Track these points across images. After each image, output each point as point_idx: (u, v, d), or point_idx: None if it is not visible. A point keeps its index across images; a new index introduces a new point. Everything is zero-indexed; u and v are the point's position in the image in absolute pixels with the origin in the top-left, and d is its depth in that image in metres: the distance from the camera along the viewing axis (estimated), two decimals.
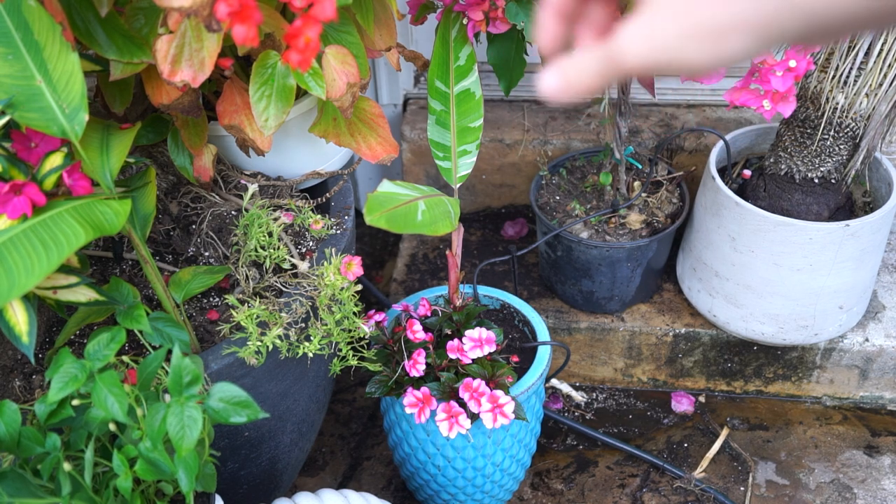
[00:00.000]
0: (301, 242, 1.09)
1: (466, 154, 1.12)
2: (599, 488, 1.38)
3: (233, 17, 0.61)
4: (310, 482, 1.41)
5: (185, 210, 1.11)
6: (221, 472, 1.03)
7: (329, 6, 0.64)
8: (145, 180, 0.91)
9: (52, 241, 0.71)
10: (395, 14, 1.04)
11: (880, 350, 1.41)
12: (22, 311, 0.74)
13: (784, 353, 1.45)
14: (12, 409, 0.75)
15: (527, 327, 1.26)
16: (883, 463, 1.40)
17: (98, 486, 0.78)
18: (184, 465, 0.73)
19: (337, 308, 1.00)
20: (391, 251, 1.85)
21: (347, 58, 0.91)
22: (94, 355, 0.76)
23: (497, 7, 1.05)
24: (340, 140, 1.03)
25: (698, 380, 1.52)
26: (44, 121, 0.75)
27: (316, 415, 1.19)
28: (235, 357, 0.94)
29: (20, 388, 0.98)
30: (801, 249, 1.25)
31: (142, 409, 0.76)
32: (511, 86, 1.20)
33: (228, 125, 0.97)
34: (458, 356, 1.09)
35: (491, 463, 1.17)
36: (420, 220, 0.95)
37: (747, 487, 1.37)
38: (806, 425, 1.47)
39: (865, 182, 1.36)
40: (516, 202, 1.72)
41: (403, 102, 1.76)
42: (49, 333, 1.06)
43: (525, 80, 1.18)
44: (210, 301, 1.07)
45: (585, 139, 1.61)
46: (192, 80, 0.81)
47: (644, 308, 1.49)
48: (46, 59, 0.75)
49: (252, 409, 0.74)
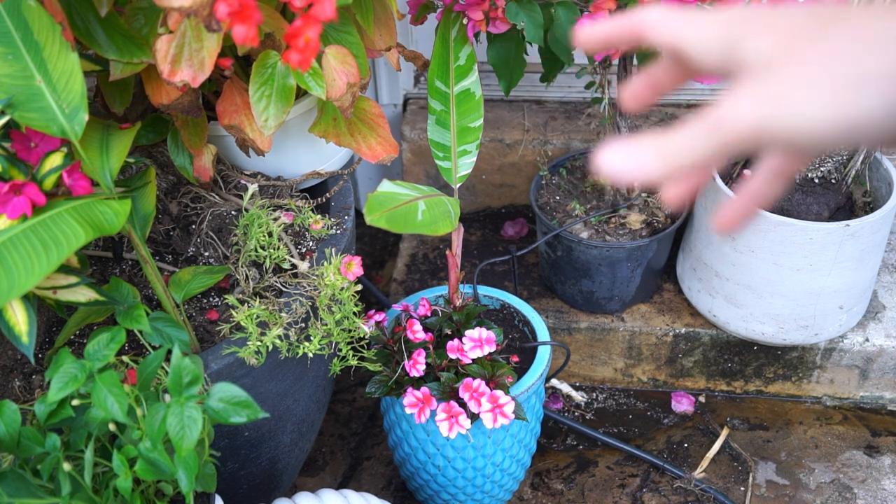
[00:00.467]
0: (301, 242, 1.09)
1: (466, 154, 1.12)
2: (599, 488, 1.38)
3: (233, 17, 0.61)
4: (310, 482, 1.41)
5: (185, 210, 1.11)
6: (221, 472, 1.03)
7: (329, 6, 0.64)
8: (145, 180, 0.91)
9: (51, 241, 0.70)
10: (395, 14, 1.04)
11: (880, 350, 1.41)
12: (22, 311, 0.74)
13: (784, 353, 1.45)
14: (12, 409, 0.75)
15: (527, 327, 1.26)
16: (883, 463, 1.40)
17: (98, 486, 0.78)
18: (184, 465, 0.73)
19: (337, 308, 1.00)
20: (391, 251, 1.85)
21: (347, 58, 0.91)
22: (94, 355, 0.76)
23: (497, 7, 1.05)
24: (340, 140, 1.03)
25: (698, 380, 1.52)
26: (44, 121, 0.75)
27: (316, 415, 1.19)
28: (235, 357, 0.94)
29: (20, 388, 0.98)
30: (802, 249, 1.25)
31: (142, 409, 0.76)
32: (511, 86, 1.20)
33: (228, 125, 0.97)
34: (458, 356, 1.09)
35: (491, 463, 1.17)
36: (420, 219, 0.95)
37: (747, 487, 1.37)
38: (806, 425, 1.47)
39: (866, 182, 1.36)
40: (516, 202, 1.72)
41: (403, 102, 1.76)
42: (49, 333, 1.06)
43: (525, 80, 1.18)
44: (210, 301, 1.07)
45: (585, 139, 1.61)
46: (192, 80, 0.81)
47: (644, 308, 1.49)
48: (46, 59, 0.75)
49: (252, 409, 0.74)
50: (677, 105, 1.68)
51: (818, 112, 0.33)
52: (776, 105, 0.34)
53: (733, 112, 0.35)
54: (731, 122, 0.35)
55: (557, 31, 1.08)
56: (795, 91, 0.34)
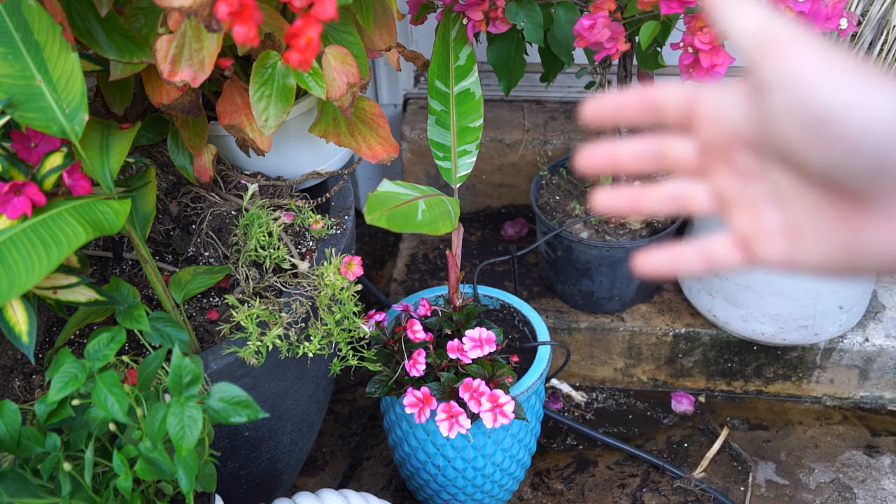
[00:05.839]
0: (301, 242, 1.09)
1: (466, 154, 1.12)
2: (599, 488, 1.38)
3: (233, 17, 0.61)
4: (310, 482, 1.41)
5: (185, 210, 1.11)
6: (221, 472, 1.03)
7: (329, 6, 0.64)
8: (145, 180, 0.91)
9: (52, 241, 0.71)
10: (395, 14, 1.04)
11: (880, 350, 1.41)
12: (22, 311, 0.74)
13: (784, 353, 1.45)
14: (12, 409, 0.75)
15: (527, 327, 1.26)
16: (883, 463, 1.40)
17: (98, 486, 0.78)
18: (184, 465, 0.73)
19: (337, 308, 1.00)
20: (391, 251, 1.85)
21: (347, 58, 0.91)
22: (94, 355, 0.76)
23: (497, 7, 1.05)
24: (340, 140, 1.03)
25: (698, 380, 1.52)
26: (44, 121, 0.75)
27: (316, 415, 1.19)
28: (235, 357, 0.94)
29: (20, 388, 0.98)
30: None
31: (142, 409, 0.76)
32: (511, 86, 1.20)
33: (228, 125, 0.97)
34: (458, 356, 1.09)
35: (491, 463, 1.17)
36: (420, 219, 0.95)
37: (747, 487, 1.37)
38: (806, 425, 1.47)
39: None
40: (516, 202, 1.72)
41: (403, 102, 1.76)
42: (49, 333, 1.06)
43: (525, 80, 1.18)
44: (210, 301, 1.07)
45: (585, 139, 1.61)
46: (192, 80, 0.81)
47: (644, 308, 1.49)
48: (46, 59, 0.75)
49: (252, 409, 0.74)
50: None
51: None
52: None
53: (768, 257, 0.35)
54: (764, 263, 0.36)
55: (557, 31, 1.08)
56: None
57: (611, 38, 0.98)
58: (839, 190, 0.32)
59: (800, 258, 0.35)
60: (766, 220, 0.36)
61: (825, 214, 0.33)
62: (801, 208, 0.34)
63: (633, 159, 0.39)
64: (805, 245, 0.35)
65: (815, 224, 0.34)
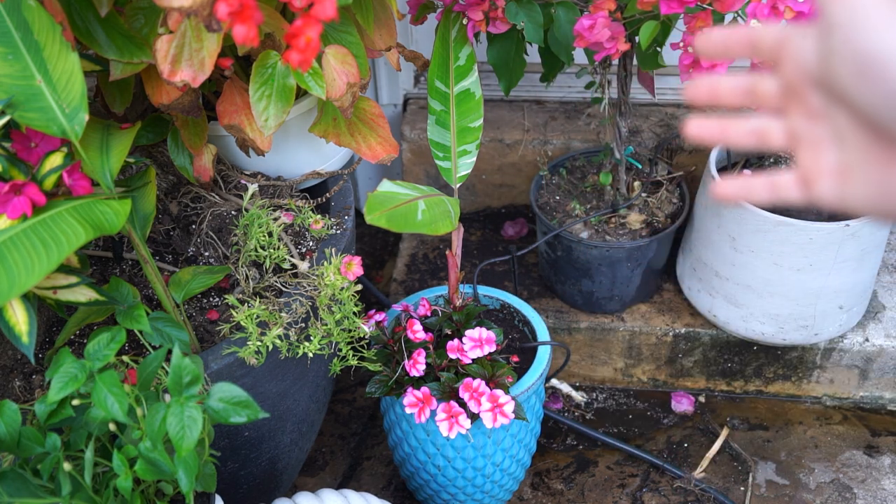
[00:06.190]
0: (301, 242, 1.09)
1: (466, 154, 1.12)
2: (599, 488, 1.38)
3: (233, 17, 0.61)
4: (310, 482, 1.41)
5: (185, 210, 1.11)
6: (221, 472, 1.03)
7: (329, 6, 0.64)
8: (145, 180, 0.91)
9: (52, 241, 0.71)
10: (395, 14, 1.04)
11: (880, 350, 1.41)
12: (22, 311, 0.74)
13: (784, 353, 1.45)
14: (12, 409, 0.75)
15: (527, 327, 1.26)
16: (883, 463, 1.40)
17: (98, 486, 0.78)
18: (184, 465, 0.73)
19: (337, 308, 1.00)
20: (391, 251, 1.85)
21: (347, 58, 0.91)
22: (94, 355, 0.76)
23: (497, 7, 1.05)
24: (340, 140, 1.03)
25: (698, 380, 1.52)
26: (44, 121, 0.75)
27: (316, 415, 1.19)
28: (235, 357, 0.94)
29: (20, 388, 0.98)
30: (802, 249, 1.25)
31: (142, 409, 0.76)
32: (511, 86, 1.20)
33: (228, 125, 0.97)
34: (458, 356, 1.09)
35: (491, 463, 1.17)
36: (420, 219, 0.95)
37: (747, 487, 1.37)
38: (806, 425, 1.47)
39: None
40: (516, 202, 1.72)
41: (403, 102, 1.76)
42: (49, 333, 1.06)
43: (525, 80, 1.18)
44: (210, 301, 1.07)
45: (585, 139, 1.61)
46: (192, 80, 0.81)
47: (644, 308, 1.49)
48: (46, 59, 0.75)
49: (252, 409, 0.74)
50: (677, 105, 1.68)
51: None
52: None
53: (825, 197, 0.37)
54: (822, 200, 0.38)
55: (557, 31, 1.08)
56: None
57: (611, 38, 0.98)
58: (881, 133, 0.34)
59: (847, 198, 0.37)
60: (824, 160, 0.38)
61: (871, 157, 0.35)
62: (854, 150, 0.36)
63: (729, 91, 0.43)
64: (852, 186, 0.37)
65: (861, 166, 0.36)
